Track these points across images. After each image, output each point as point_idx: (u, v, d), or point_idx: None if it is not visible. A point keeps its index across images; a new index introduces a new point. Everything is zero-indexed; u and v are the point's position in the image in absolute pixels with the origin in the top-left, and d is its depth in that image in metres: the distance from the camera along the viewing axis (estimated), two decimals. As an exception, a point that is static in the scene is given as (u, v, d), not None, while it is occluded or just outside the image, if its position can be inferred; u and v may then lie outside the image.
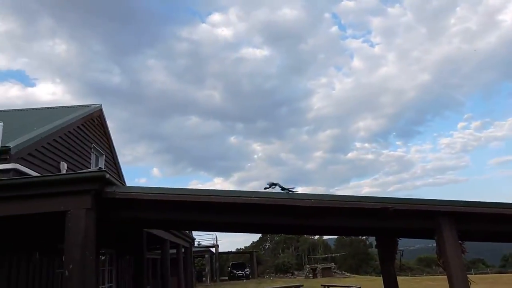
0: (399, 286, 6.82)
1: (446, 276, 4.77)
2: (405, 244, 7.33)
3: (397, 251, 6.69)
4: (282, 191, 4.79)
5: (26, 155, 7.02)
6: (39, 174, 7.11)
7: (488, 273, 43.63)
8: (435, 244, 5.10)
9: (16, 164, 6.52)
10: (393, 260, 6.58)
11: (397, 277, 6.79)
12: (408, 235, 7.05)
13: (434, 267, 54.09)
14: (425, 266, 57.51)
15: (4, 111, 12.57)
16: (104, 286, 11.32)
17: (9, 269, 6.01)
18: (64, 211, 4.09)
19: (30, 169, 6.98)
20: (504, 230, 5.33)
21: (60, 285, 7.76)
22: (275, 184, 4.91)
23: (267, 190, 4.81)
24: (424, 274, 45.65)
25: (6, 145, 6.43)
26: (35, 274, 6.83)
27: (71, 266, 3.92)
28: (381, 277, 7.00)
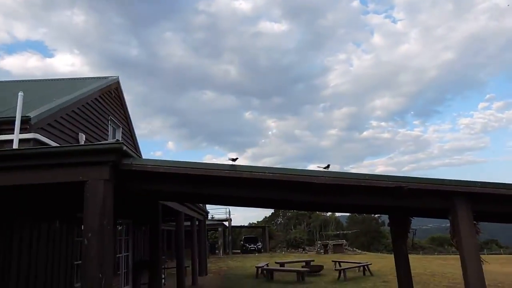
0: (410, 264, 6.87)
1: (458, 256, 4.77)
2: (418, 223, 7.32)
3: (410, 230, 6.69)
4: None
5: (45, 125, 7.15)
6: (58, 145, 7.27)
7: (501, 254, 43.38)
8: (448, 224, 5.07)
9: (36, 134, 6.66)
10: (405, 239, 6.60)
11: (409, 256, 6.82)
12: (422, 215, 7.02)
13: (446, 246, 54.10)
14: (437, 245, 57.56)
15: (23, 81, 12.77)
16: (121, 254, 11.73)
17: (30, 236, 6.26)
18: (83, 181, 4.19)
19: (50, 139, 7.12)
20: (521, 213, 5.25)
21: (79, 252, 8.07)
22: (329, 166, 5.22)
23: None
24: (436, 253, 45.72)
25: (27, 115, 6.55)
26: (55, 241, 7.10)
27: (90, 235, 4.05)
28: (392, 255, 7.04)
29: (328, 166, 5.29)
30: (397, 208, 6.40)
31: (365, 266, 15.91)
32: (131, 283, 12.67)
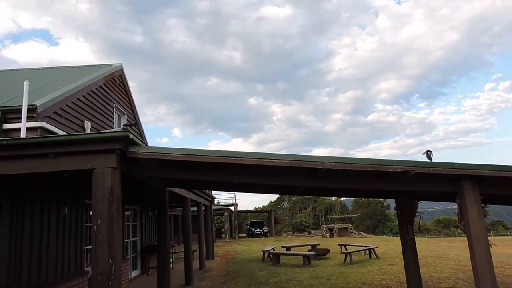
0: (416, 247, 6.90)
1: (464, 238, 4.79)
2: (423, 206, 7.33)
3: (417, 214, 6.70)
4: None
5: (52, 113, 7.17)
6: (65, 133, 7.30)
7: (507, 235, 43.51)
8: (454, 206, 5.07)
9: (43, 122, 6.68)
10: (412, 222, 6.61)
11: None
12: (429, 198, 7.02)
13: (452, 228, 54.35)
14: (442, 227, 57.83)
15: (29, 69, 12.77)
16: (129, 239, 11.91)
17: (41, 220, 6.36)
18: (91, 169, 4.23)
19: (56, 127, 7.15)
20: (529, 196, 5.23)
21: (88, 237, 8.21)
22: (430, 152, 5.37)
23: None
24: (442, 236, 45.94)
25: (33, 103, 6.56)
26: (65, 226, 7.21)
27: (99, 221, 4.10)
28: (398, 237, 7.08)
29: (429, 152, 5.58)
30: (404, 192, 6.40)
31: (371, 249, 16.04)
32: (140, 267, 12.90)
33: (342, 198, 68.07)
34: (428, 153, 5.56)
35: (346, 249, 16.59)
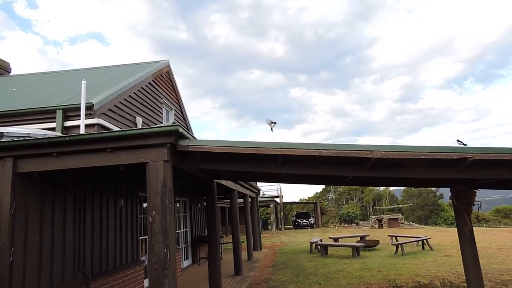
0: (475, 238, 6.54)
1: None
2: (481, 195, 6.91)
3: (475, 203, 6.34)
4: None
5: (107, 110, 7.58)
6: (119, 128, 7.70)
7: None
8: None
9: (99, 119, 7.09)
10: (469, 212, 6.26)
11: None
12: (488, 186, 6.62)
13: (513, 218, 50.85)
14: (502, 217, 54.25)
15: (84, 69, 13.55)
16: (180, 230, 12.37)
17: (100, 213, 6.78)
18: (145, 162, 4.43)
19: (111, 123, 7.55)
20: None
21: (142, 228, 8.63)
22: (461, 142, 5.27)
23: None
24: (502, 226, 43.16)
25: (90, 101, 6.97)
26: (122, 218, 7.63)
27: (153, 213, 4.29)
28: (453, 228, 6.74)
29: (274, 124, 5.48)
30: (461, 180, 6.08)
31: (424, 240, 15.44)
32: (191, 257, 13.38)
33: (391, 188, 65.88)
34: (459, 143, 5.23)
35: (397, 240, 16.10)
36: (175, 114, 12.99)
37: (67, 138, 4.53)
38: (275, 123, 5.40)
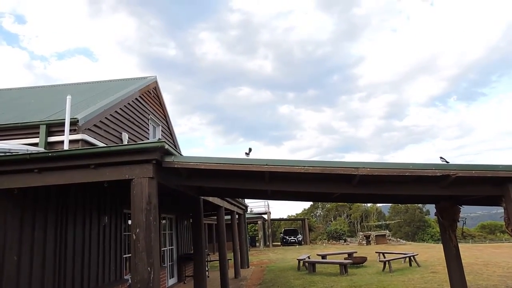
0: (460, 254, 6.58)
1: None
2: (466, 211, 6.99)
3: (460, 219, 6.41)
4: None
5: (92, 126, 7.49)
6: (104, 144, 7.60)
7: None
8: (499, 210, 4.81)
9: (84, 134, 6.99)
10: (454, 228, 6.32)
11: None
12: (472, 202, 6.70)
13: (498, 234, 51.39)
14: (487, 233, 54.83)
15: (70, 84, 13.45)
16: (165, 248, 12.14)
17: (83, 230, 6.62)
18: (129, 179, 4.37)
19: (96, 139, 7.46)
20: None
21: (126, 246, 8.44)
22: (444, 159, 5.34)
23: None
24: (487, 242, 43.58)
25: (75, 117, 6.89)
26: (105, 235, 7.46)
27: (137, 230, 4.22)
28: (440, 244, 6.78)
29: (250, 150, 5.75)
30: (445, 197, 6.15)
31: (411, 257, 15.45)
32: (177, 276, 13.09)
33: (378, 205, 66.26)
34: (442, 160, 5.34)
35: (384, 257, 16.08)
36: (162, 130, 12.92)
37: (50, 154, 4.45)
38: (250, 149, 5.73)
